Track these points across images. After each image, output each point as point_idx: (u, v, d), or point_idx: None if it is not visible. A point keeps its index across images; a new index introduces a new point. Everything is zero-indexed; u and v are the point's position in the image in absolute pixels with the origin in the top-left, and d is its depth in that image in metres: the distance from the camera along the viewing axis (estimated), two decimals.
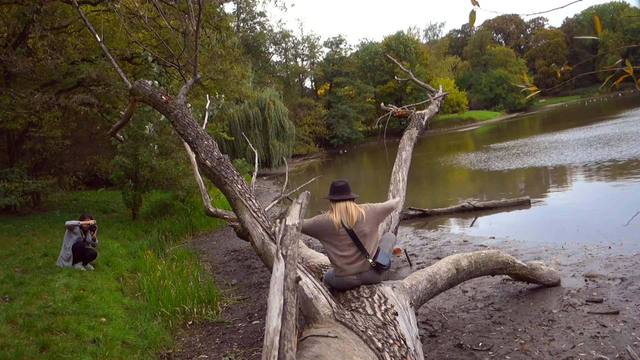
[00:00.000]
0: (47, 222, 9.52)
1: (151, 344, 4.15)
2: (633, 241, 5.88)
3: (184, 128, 4.49)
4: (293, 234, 2.32)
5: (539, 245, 6.41)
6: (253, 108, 28.62)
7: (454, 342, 3.81)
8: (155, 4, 7.81)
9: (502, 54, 66.89)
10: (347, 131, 45.53)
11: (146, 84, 4.65)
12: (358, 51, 53.49)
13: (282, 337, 1.78)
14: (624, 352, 3.26)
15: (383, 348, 2.54)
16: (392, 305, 3.09)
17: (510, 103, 63.30)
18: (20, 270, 5.89)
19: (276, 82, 42.86)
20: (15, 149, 10.93)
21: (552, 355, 3.39)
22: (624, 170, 10.64)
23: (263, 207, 4.17)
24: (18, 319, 4.18)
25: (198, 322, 4.92)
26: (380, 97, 46.80)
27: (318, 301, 2.92)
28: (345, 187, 3.48)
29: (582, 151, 14.99)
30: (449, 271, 3.97)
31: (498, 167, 15.06)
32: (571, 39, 71.93)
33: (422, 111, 6.97)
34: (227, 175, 4.22)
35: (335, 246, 3.45)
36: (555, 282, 4.79)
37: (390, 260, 3.49)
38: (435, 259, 6.16)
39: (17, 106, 9.22)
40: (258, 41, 45.35)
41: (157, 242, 8.52)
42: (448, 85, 49.69)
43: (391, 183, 5.72)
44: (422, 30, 77.04)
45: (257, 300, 5.47)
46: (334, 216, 3.43)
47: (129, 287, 6.06)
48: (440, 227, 8.66)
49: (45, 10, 9.38)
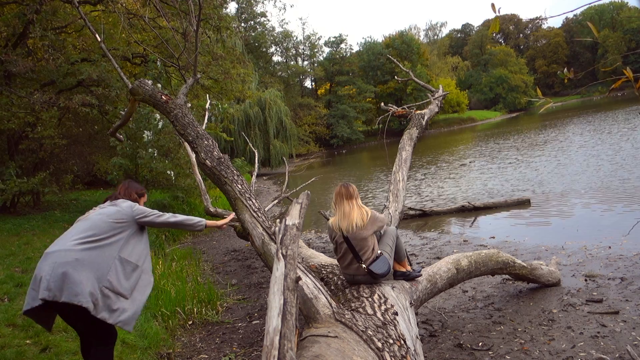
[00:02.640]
0: (47, 222, 9.52)
1: (151, 344, 4.15)
2: (633, 241, 5.88)
3: (184, 128, 4.49)
4: (293, 233, 2.32)
5: (539, 245, 6.41)
6: (253, 108, 28.63)
7: (454, 342, 3.81)
8: (155, 4, 7.82)
9: (502, 54, 66.88)
10: (347, 131, 45.52)
11: (146, 83, 4.65)
12: (359, 50, 53.50)
13: (282, 337, 1.78)
14: (624, 352, 3.26)
15: (383, 348, 2.54)
16: (392, 305, 3.09)
17: (510, 103, 63.27)
18: (20, 270, 5.89)
19: (277, 82, 42.85)
20: (15, 148, 10.93)
21: (552, 355, 3.39)
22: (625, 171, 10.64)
23: (263, 207, 4.18)
24: (18, 319, 4.18)
25: (198, 322, 4.92)
26: (381, 97, 46.77)
27: (318, 301, 2.92)
28: (348, 191, 3.50)
29: (583, 150, 15.00)
30: (449, 271, 3.97)
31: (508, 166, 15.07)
32: (571, 38, 71.92)
33: (422, 111, 6.96)
34: (227, 175, 4.22)
35: (335, 249, 3.54)
36: (555, 282, 4.80)
37: (390, 267, 3.43)
38: (435, 259, 6.15)
39: (13, 106, 9.21)
40: (259, 41, 45.37)
41: (157, 242, 8.52)
42: (449, 86, 49.67)
43: (391, 183, 5.72)
44: (423, 30, 77.09)
45: (257, 300, 5.47)
46: (334, 220, 3.48)
47: None
48: (440, 227, 8.66)
49: (46, 10, 9.38)
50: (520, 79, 63.71)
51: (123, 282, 2.74)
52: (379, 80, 50.53)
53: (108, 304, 2.64)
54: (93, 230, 2.79)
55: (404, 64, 39.39)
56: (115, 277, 2.71)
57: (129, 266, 2.81)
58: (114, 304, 2.66)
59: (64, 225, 9.34)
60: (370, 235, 3.42)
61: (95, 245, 2.74)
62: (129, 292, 2.76)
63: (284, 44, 50.35)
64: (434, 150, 25.99)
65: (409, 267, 3.80)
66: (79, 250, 2.69)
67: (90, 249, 2.71)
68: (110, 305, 2.65)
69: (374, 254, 3.40)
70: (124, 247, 2.83)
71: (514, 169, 13.89)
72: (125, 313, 2.70)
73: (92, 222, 2.86)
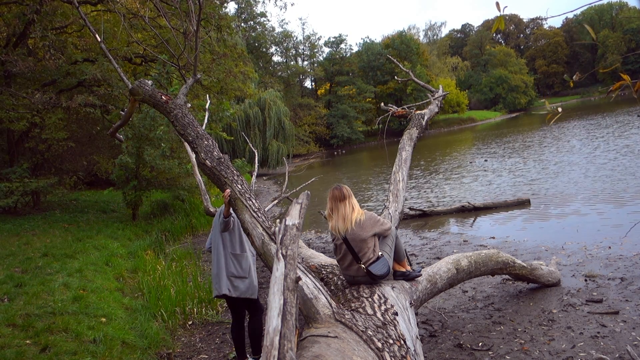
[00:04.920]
0: (47, 222, 9.51)
1: (151, 343, 4.15)
2: (633, 241, 5.88)
3: (184, 128, 4.49)
4: (293, 234, 2.32)
5: (539, 245, 6.41)
6: (253, 108, 28.62)
7: (453, 342, 3.81)
8: (155, 4, 7.81)
9: (502, 54, 66.87)
10: (347, 131, 45.53)
11: (146, 83, 4.65)
12: (359, 51, 53.51)
13: (282, 337, 1.78)
14: (624, 352, 3.26)
15: (383, 348, 2.54)
16: (392, 305, 3.09)
17: (510, 103, 63.26)
18: (20, 270, 5.89)
19: (277, 82, 42.85)
20: (15, 148, 10.93)
21: (552, 355, 3.39)
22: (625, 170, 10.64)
23: (263, 207, 4.17)
24: (18, 319, 4.18)
25: (198, 322, 4.92)
26: (381, 97, 46.80)
27: (318, 301, 2.92)
28: (342, 193, 3.49)
29: (583, 151, 15.00)
30: (449, 271, 3.97)
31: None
32: (571, 38, 71.92)
33: (422, 111, 6.96)
34: (227, 175, 4.21)
35: (335, 250, 3.53)
36: (555, 282, 4.80)
37: (389, 268, 3.43)
38: (435, 259, 6.15)
39: (19, 106, 9.23)
40: (259, 41, 45.37)
41: (157, 242, 8.52)
42: (449, 86, 49.67)
43: (391, 183, 5.71)
44: (422, 30, 76.95)
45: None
46: (332, 222, 3.48)
47: (129, 287, 6.06)
48: (440, 227, 8.66)
49: (46, 10, 9.38)
50: (520, 79, 63.70)
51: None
52: (378, 80, 50.55)
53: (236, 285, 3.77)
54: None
55: (403, 64, 39.35)
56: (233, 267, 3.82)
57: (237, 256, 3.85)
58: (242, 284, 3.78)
59: (64, 226, 9.34)
60: (370, 237, 3.41)
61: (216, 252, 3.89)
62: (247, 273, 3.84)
63: (284, 44, 50.37)
64: (434, 151, 26.00)
65: (408, 267, 3.79)
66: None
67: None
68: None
69: (374, 255, 3.39)
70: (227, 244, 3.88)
71: (514, 169, 13.89)
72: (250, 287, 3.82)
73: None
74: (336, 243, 3.52)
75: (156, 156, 10.21)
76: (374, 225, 3.43)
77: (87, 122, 12.79)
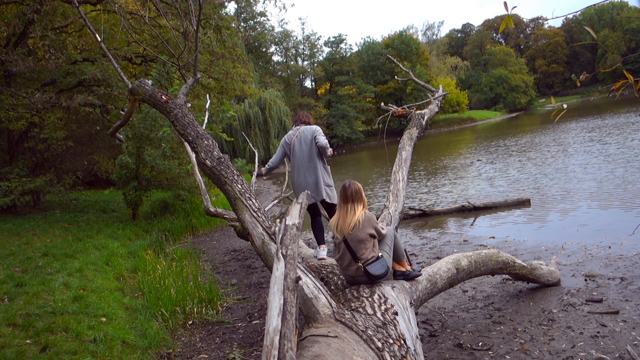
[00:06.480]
0: (47, 222, 9.51)
1: (151, 343, 4.15)
2: (633, 241, 5.88)
3: (184, 128, 4.50)
4: (293, 233, 2.32)
5: (539, 245, 6.40)
6: (253, 108, 28.63)
7: (454, 342, 3.82)
8: (155, 4, 7.81)
9: (502, 54, 66.85)
10: (347, 131, 45.53)
11: (146, 83, 4.65)
12: (359, 50, 53.51)
13: (282, 336, 1.78)
14: (624, 352, 3.26)
15: (383, 348, 2.54)
16: (392, 305, 3.09)
17: (510, 103, 63.25)
18: (20, 270, 5.89)
19: (277, 82, 42.84)
20: (15, 148, 10.93)
21: (552, 355, 3.40)
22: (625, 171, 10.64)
23: (263, 207, 4.18)
24: (18, 319, 4.18)
25: (198, 322, 4.92)
26: (381, 97, 46.80)
27: (318, 301, 2.92)
28: (346, 194, 3.50)
29: (582, 150, 15.00)
30: (449, 271, 3.97)
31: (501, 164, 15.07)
32: (571, 38, 71.89)
33: (422, 111, 6.96)
34: (227, 175, 4.22)
35: (334, 249, 3.54)
36: (555, 281, 4.80)
37: (388, 268, 3.43)
38: (435, 259, 6.15)
39: (19, 106, 9.23)
40: (259, 41, 45.36)
41: (157, 241, 8.52)
42: (449, 86, 49.67)
43: (391, 183, 5.72)
44: (421, 30, 76.73)
45: (257, 300, 5.47)
46: (333, 220, 3.49)
47: (129, 287, 6.06)
48: (440, 227, 8.66)
49: (46, 10, 9.38)
50: (520, 79, 63.67)
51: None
52: (378, 80, 50.54)
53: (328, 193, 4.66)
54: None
55: (403, 64, 39.37)
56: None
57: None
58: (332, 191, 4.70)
59: (64, 225, 9.34)
60: (368, 238, 3.41)
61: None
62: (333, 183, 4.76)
63: (284, 44, 50.35)
64: (434, 150, 26.00)
65: (408, 266, 3.80)
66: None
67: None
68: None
69: (373, 255, 3.40)
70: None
71: (514, 169, 13.89)
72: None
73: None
74: (335, 242, 3.53)
75: (156, 156, 10.21)
76: (372, 227, 3.45)
77: (86, 122, 12.79)
